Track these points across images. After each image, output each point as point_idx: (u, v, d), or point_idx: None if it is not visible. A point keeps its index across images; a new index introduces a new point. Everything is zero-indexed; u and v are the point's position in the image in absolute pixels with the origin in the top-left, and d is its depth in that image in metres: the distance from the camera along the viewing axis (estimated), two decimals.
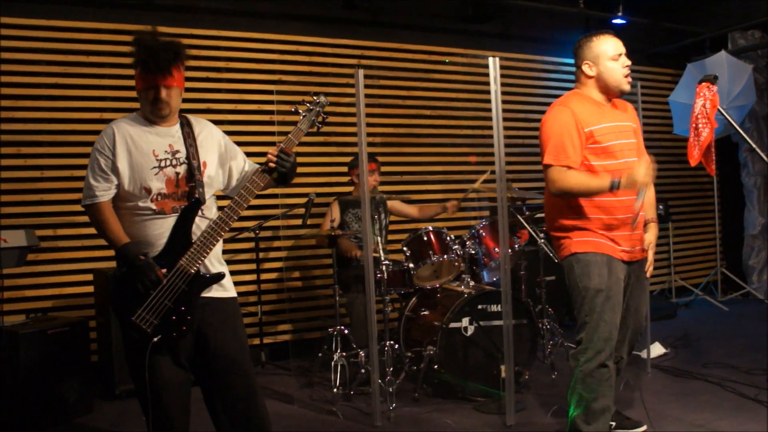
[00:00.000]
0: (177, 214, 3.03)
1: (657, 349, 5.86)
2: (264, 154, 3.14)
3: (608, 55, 3.60)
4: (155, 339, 2.91)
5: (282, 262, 6.66)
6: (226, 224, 3.01)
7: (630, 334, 3.79)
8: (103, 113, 5.88)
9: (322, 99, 3.27)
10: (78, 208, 5.68)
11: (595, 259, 3.52)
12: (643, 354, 5.53)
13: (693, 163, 3.98)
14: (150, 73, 3.00)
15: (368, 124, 4.46)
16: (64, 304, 5.72)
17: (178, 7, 6.30)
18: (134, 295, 2.92)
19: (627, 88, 3.62)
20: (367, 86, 4.46)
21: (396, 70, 7.25)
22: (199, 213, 3.07)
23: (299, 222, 5.83)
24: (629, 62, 3.62)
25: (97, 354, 5.44)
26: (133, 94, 5.88)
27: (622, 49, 3.63)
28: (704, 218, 9.40)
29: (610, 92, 3.67)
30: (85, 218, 5.74)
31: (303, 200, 5.67)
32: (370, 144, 4.59)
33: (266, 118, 6.49)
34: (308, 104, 3.26)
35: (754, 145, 4.18)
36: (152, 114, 3.08)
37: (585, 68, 3.66)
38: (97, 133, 5.73)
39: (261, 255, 6.30)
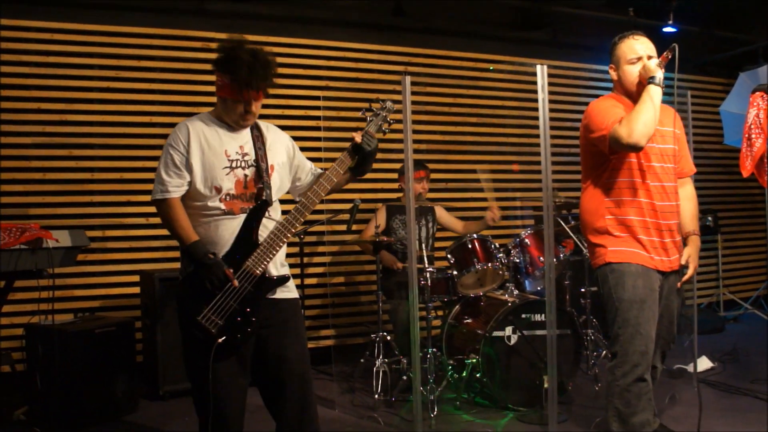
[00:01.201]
0: (245, 215, 3.07)
1: (704, 363, 5.76)
2: (310, 160, 3.22)
3: (626, 58, 3.52)
4: (220, 340, 2.93)
5: (326, 268, 6.69)
6: (293, 225, 3.05)
7: (662, 344, 3.68)
8: (152, 117, 5.98)
9: (389, 104, 3.34)
10: (126, 210, 5.84)
11: (630, 269, 3.43)
12: (690, 368, 5.44)
13: (745, 174, 3.91)
14: (245, 89, 3.01)
15: (415, 131, 4.45)
16: (111, 304, 5.82)
17: (230, 14, 6.38)
18: (201, 295, 2.95)
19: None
20: (414, 93, 4.45)
21: (443, 77, 7.24)
22: (266, 214, 3.11)
23: (344, 228, 5.86)
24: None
25: (142, 354, 5.51)
26: (183, 98, 6.03)
27: (645, 52, 3.49)
28: (754, 230, 9.20)
29: (631, 97, 3.53)
30: (133, 220, 5.88)
31: (348, 206, 5.69)
32: (416, 151, 4.58)
33: (312, 123, 6.52)
34: (375, 109, 3.32)
35: None
36: (236, 123, 3.12)
37: (610, 72, 3.63)
38: (146, 136, 5.92)
39: (305, 260, 6.33)
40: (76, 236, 4.57)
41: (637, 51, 3.49)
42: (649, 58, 3.46)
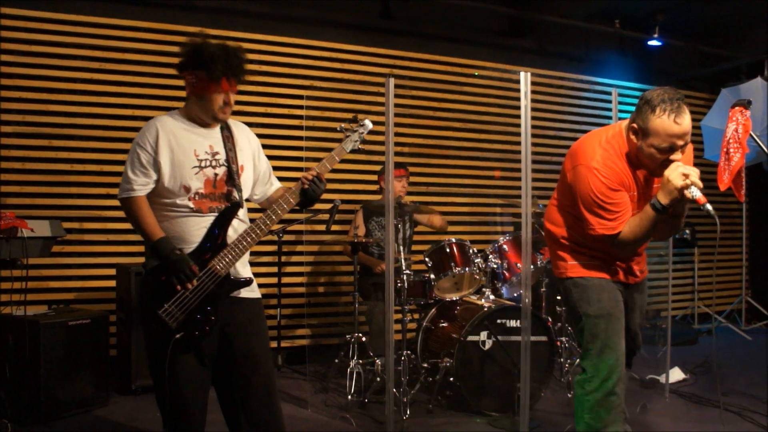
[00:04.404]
0: (214, 214, 3.08)
1: (676, 375, 5.80)
2: (291, 159, 3.22)
3: (658, 140, 3.06)
4: (177, 335, 2.93)
5: (304, 267, 6.68)
6: (261, 231, 3.06)
7: (628, 351, 3.60)
8: (135, 110, 5.95)
9: (368, 123, 3.31)
10: (105, 203, 5.80)
11: (593, 283, 3.40)
12: (662, 379, 5.48)
13: (722, 187, 3.92)
14: (222, 79, 3.04)
15: (397, 134, 4.46)
16: (86, 297, 5.78)
17: (218, 9, 6.37)
18: (163, 290, 2.95)
19: (657, 175, 3.21)
20: (397, 96, 4.47)
21: (428, 81, 7.26)
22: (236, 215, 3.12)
23: (323, 228, 5.86)
24: (679, 156, 3.09)
25: (115, 348, 5.48)
26: (167, 92, 6.01)
27: (679, 141, 3.06)
28: (731, 245, 9.29)
29: (633, 164, 3.26)
30: (111, 213, 5.85)
31: (328, 206, 5.68)
32: (397, 153, 4.59)
33: (295, 122, 6.52)
34: (353, 126, 3.30)
35: None
36: (215, 118, 3.13)
37: (631, 135, 3.17)
38: (128, 129, 5.88)
39: (283, 259, 6.32)
40: (52, 227, 4.55)
41: (674, 141, 3.06)
42: (681, 139, 3.08)
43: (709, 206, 3.03)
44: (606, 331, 3.35)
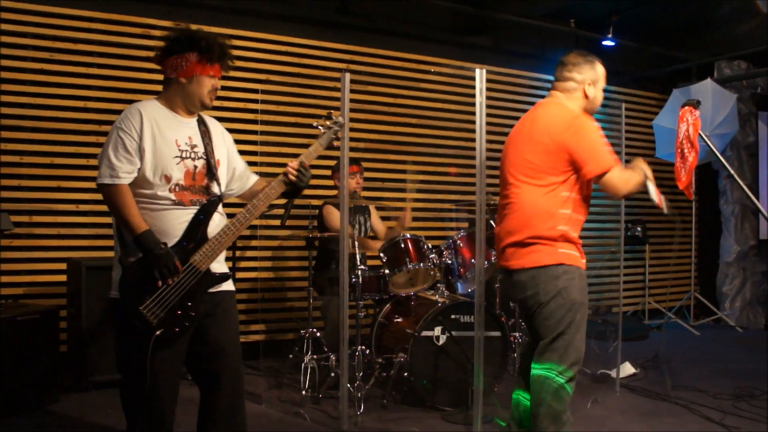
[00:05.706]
0: (196, 207, 3.04)
1: (627, 369, 5.89)
2: (246, 153, 3.20)
3: (602, 84, 3.71)
4: (158, 332, 2.88)
5: (258, 262, 6.64)
6: (242, 225, 3.06)
7: None
8: (87, 102, 5.85)
9: (341, 120, 3.34)
10: (55, 195, 5.70)
11: (579, 272, 3.52)
12: (613, 373, 5.56)
13: (681, 186, 4.04)
14: (214, 63, 3.10)
15: (352, 129, 4.46)
16: (36, 291, 5.67)
17: (171, 1, 6.29)
18: (145, 285, 2.89)
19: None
20: (353, 91, 4.46)
21: (384, 77, 7.26)
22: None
23: (278, 222, 5.82)
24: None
25: (66, 344, 5.39)
26: (120, 84, 5.91)
27: None
28: (681, 242, 9.46)
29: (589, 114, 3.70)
30: (62, 206, 5.73)
31: (283, 201, 5.65)
32: (352, 149, 4.59)
33: (250, 116, 6.47)
34: (329, 122, 3.31)
35: (733, 173, 4.22)
36: (201, 103, 3.13)
37: (588, 88, 3.67)
38: (80, 122, 5.79)
39: (238, 253, 6.28)
40: None
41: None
42: None
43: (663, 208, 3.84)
44: (582, 319, 3.51)
